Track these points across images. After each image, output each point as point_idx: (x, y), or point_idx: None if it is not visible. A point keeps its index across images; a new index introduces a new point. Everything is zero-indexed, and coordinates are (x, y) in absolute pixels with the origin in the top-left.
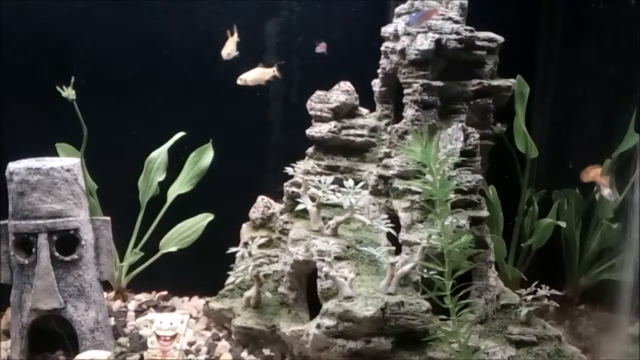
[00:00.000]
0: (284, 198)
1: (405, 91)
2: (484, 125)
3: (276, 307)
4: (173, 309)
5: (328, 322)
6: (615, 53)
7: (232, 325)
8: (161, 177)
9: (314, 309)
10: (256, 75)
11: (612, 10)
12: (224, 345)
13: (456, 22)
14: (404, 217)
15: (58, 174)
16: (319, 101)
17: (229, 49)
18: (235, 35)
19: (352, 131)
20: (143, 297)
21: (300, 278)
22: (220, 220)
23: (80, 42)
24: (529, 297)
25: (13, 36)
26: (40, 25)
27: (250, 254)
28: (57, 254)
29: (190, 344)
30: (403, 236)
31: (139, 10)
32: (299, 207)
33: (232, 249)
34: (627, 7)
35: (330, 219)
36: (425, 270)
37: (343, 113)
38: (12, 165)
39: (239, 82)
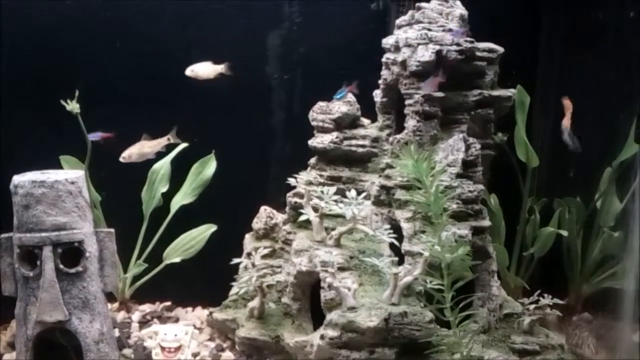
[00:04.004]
0: (287, 208)
1: (407, 102)
2: (485, 135)
3: (280, 317)
4: (177, 320)
5: (332, 332)
6: (615, 63)
7: (236, 335)
8: (164, 188)
9: (318, 320)
10: (205, 69)
11: (612, 20)
12: (227, 356)
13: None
14: (406, 228)
15: (62, 187)
16: (321, 112)
17: (130, 151)
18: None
19: (354, 142)
20: (147, 307)
21: (303, 289)
22: (223, 231)
23: (83, 54)
24: (532, 306)
25: (16, 48)
26: (43, 37)
27: (253, 265)
28: (61, 266)
29: (195, 354)
30: (406, 246)
31: (142, 22)
32: (302, 217)
33: (235, 260)
34: (627, 17)
35: (333, 229)
36: (427, 281)
37: (345, 124)
38: (17, 178)
39: (188, 73)
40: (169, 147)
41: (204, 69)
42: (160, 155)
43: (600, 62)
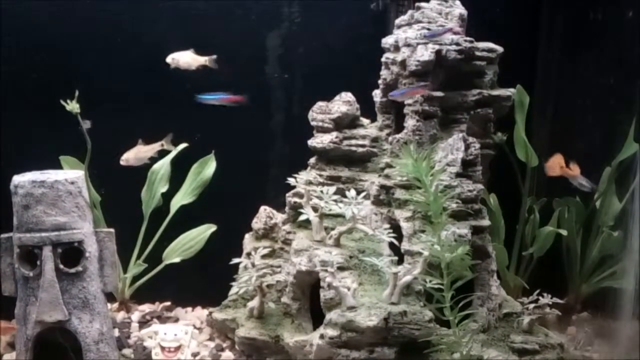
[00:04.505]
0: (287, 208)
1: (406, 102)
2: (485, 134)
3: (279, 317)
4: (176, 320)
5: (331, 332)
6: (615, 62)
7: (236, 335)
8: (164, 188)
9: (317, 319)
10: (188, 59)
11: (611, 21)
12: (227, 355)
13: (456, 33)
14: (406, 227)
15: (62, 187)
16: (321, 112)
17: (128, 155)
18: (142, 146)
19: (353, 141)
20: (147, 307)
21: (303, 288)
22: (223, 231)
23: (82, 54)
24: (531, 305)
25: (16, 49)
26: (43, 37)
27: (253, 265)
28: (61, 266)
29: (194, 354)
30: (405, 246)
31: (141, 23)
32: (302, 217)
33: (235, 260)
34: (626, 18)
35: (332, 229)
36: (427, 281)
37: (344, 123)
38: (17, 179)
39: (169, 61)
40: (165, 151)
41: (185, 59)
42: (160, 155)
43: (599, 62)
